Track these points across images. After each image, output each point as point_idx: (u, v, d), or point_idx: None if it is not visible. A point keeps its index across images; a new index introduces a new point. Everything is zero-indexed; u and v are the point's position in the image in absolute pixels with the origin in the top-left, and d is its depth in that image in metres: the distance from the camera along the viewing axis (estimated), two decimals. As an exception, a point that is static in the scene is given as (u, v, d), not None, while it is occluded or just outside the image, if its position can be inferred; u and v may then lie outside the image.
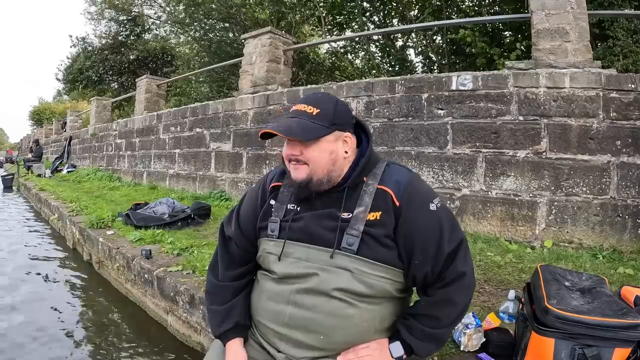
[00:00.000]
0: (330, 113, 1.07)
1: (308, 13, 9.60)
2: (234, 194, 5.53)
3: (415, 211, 1.06)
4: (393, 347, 1.08)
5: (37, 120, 32.00)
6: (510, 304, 1.82)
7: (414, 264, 1.05)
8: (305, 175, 1.06)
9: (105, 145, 10.16)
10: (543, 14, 3.41)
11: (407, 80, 3.92)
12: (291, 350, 1.07)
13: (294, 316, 1.06)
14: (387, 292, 1.07)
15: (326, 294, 1.04)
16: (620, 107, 3.09)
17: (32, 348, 2.44)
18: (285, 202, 1.16)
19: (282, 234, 1.12)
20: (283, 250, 1.10)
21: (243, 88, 5.72)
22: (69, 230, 4.93)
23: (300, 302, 1.06)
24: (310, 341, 1.06)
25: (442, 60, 8.01)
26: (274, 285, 1.12)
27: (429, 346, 1.10)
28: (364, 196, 1.07)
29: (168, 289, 2.63)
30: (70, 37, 20.36)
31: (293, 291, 1.07)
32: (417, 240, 1.04)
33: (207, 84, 12.51)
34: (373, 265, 1.04)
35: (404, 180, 1.09)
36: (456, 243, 1.07)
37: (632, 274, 2.52)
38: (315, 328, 1.05)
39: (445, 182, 3.60)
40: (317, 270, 1.05)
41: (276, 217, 1.15)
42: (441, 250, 1.05)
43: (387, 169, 1.12)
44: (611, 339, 1.24)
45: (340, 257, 1.05)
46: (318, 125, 1.05)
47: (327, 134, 1.06)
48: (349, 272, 1.04)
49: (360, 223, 1.04)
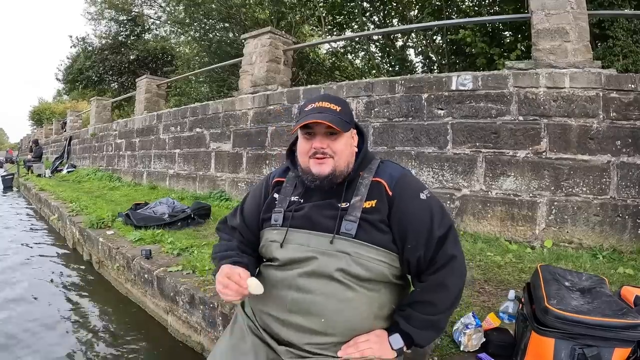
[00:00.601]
0: (349, 111, 1.20)
1: (308, 13, 9.61)
2: (234, 194, 5.53)
3: (407, 199, 1.14)
4: (393, 339, 1.12)
5: (37, 120, 32.01)
6: (510, 304, 1.82)
7: (407, 248, 1.12)
8: (330, 168, 1.14)
9: (105, 145, 10.16)
10: (543, 14, 3.41)
11: (407, 80, 3.92)
12: (293, 335, 1.11)
13: (296, 300, 1.11)
14: (384, 276, 1.13)
15: (326, 276, 1.10)
16: (620, 107, 3.09)
17: (32, 347, 2.44)
18: (288, 195, 1.24)
19: (285, 222, 1.18)
20: (285, 237, 1.15)
21: (243, 88, 5.72)
22: (69, 230, 4.93)
23: (302, 286, 1.11)
24: (311, 325, 1.10)
25: (442, 60, 8.01)
26: (276, 273, 1.17)
27: (427, 334, 1.14)
28: (360, 187, 1.16)
29: (168, 289, 2.63)
30: (70, 37, 20.43)
31: (295, 276, 1.12)
32: (410, 225, 1.12)
33: (207, 84, 12.52)
34: (370, 248, 1.11)
35: (396, 173, 1.19)
36: (446, 228, 1.13)
37: (632, 274, 2.52)
38: (316, 311, 1.09)
39: (445, 182, 3.61)
40: (317, 254, 1.11)
41: (280, 208, 1.22)
42: (432, 235, 1.11)
43: (381, 165, 1.22)
44: (611, 339, 1.24)
45: (339, 241, 1.11)
46: (344, 120, 1.15)
47: (350, 129, 1.18)
48: (348, 255, 1.10)
49: (358, 210, 1.13)
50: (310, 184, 1.17)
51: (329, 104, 1.16)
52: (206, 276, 2.60)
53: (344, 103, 1.21)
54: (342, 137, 1.15)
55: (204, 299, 2.30)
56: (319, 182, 1.15)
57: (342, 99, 1.23)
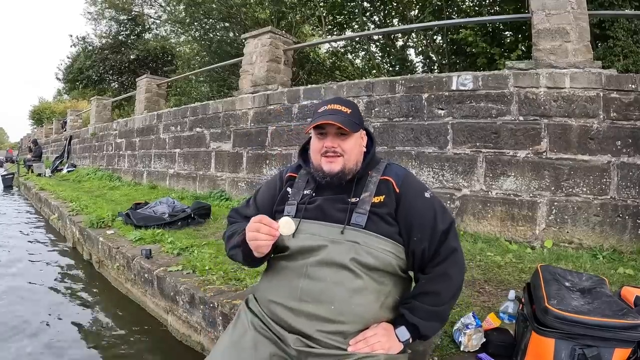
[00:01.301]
0: (358, 114, 1.29)
1: (308, 13, 9.60)
2: (234, 193, 5.53)
3: (413, 196, 1.24)
4: (399, 332, 1.17)
5: (37, 120, 31.99)
6: (511, 304, 1.82)
7: (413, 241, 1.20)
8: (340, 166, 1.22)
9: (105, 144, 10.16)
10: (543, 14, 3.41)
11: (407, 80, 3.92)
12: (302, 324, 1.14)
13: (306, 288, 1.15)
14: (391, 266, 1.19)
15: (336, 264, 1.15)
16: (621, 107, 3.09)
17: (31, 347, 2.44)
18: (301, 189, 1.32)
19: (298, 214, 1.25)
20: (298, 227, 1.20)
21: (243, 88, 5.72)
22: (69, 229, 4.94)
23: (312, 275, 1.16)
24: (321, 312, 1.13)
25: (442, 60, 8.01)
26: (288, 263, 1.22)
27: (432, 324, 1.19)
28: (369, 184, 1.25)
29: (168, 289, 2.63)
30: (71, 36, 20.43)
31: (306, 264, 1.17)
32: (415, 220, 1.21)
33: (208, 83, 12.51)
34: (378, 238, 1.18)
35: (402, 173, 1.29)
36: (448, 223, 1.22)
37: (632, 274, 2.52)
38: (326, 298, 1.13)
39: (445, 182, 3.60)
40: (328, 242, 1.17)
41: (293, 201, 1.29)
42: (436, 229, 1.20)
43: (387, 166, 1.31)
44: (611, 339, 1.23)
45: (349, 231, 1.18)
46: (353, 122, 1.25)
47: (359, 130, 1.28)
48: (357, 244, 1.16)
49: (367, 204, 1.21)
50: (322, 180, 1.25)
51: (340, 107, 1.25)
52: (206, 276, 2.60)
53: (354, 106, 1.30)
54: (352, 137, 1.24)
55: (204, 298, 2.30)
56: (329, 179, 1.23)
57: (352, 102, 1.32)
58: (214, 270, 2.66)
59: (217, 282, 2.49)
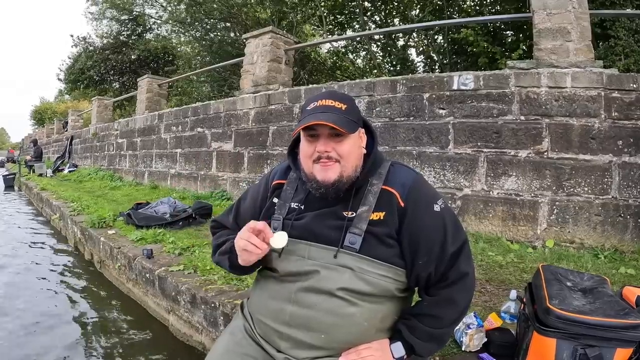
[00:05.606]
0: (355, 109, 1.10)
1: (309, 13, 9.61)
2: (235, 193, 5.53)
3: (420, 212, 1.06)
4: (394, 348, 1.08)
5: (39, 120, 32.05)
6: (512, 304, 1.82)
7: (417, 264, 1.06)
8: (337, 174, 1.04)
9: (106, 144, 10.17)
10: (544, 13, 3.41)
11: (408, 80, 3.92)
12: (292, 350, 1.06)
13: (295, 315, 1.05)
14: (388, 291, 1.07)
15: (327, 292, 1.04)
16: (622, 106, 3.09)
17: (31, 347, 2.44)
18: (288, 201, 1.16)
19: (284, 230, 1.10)
20: (286, 247, 1.08)
21: (244, 88, 5.73)
22: (71, 229, 4.94)
23: (301, 301, 1.05)
24: (311, 340, 1.05)
25: (443, 60, 8.00)
26: (275, 284, 1.12)
27: (430, 346, 1.10)
28: (368, 196, 1.07)
29: (169, 289, 2.64)
30: (72, 37, 20.38)
31: (294, 290, 1.06)
32: (422, 240, 1.05)
33: (209, 83, 12.53)
34: (374, 263, 1.04)
35: (409, 181, 1.09)
36: (460, 244, 1.08)
37: (634, 274, 2.52)
38: (316, 327, 1.04)
39: (446, 182, 3.60)
40: (319, 267, 1.05)
41: (279, 215, 1.14)
42: (445, 251, 1.05)
43: (391, 169, 1.13)
44: (613, 339, 1.23)
45: (343, 255, 1.04)
46: (350, 120, 1.05)
47: (357, 129, 1.08)
48: (351, 270, 1.03)
49: (364, 222, 1.05)
50: (315, 192, 1.08)
51: (334, 102, 1.06)
52: (208, 276, 2.60)
53: (350, 100, 1.10)
54: (349, 138, 1.05)
55: (206, 298, 2.30)
56: (324, 191, 1.05)
57: (348, 96, 1.11)
58: (215, 270, 2.66)
59: (218, 282, 2.49)
